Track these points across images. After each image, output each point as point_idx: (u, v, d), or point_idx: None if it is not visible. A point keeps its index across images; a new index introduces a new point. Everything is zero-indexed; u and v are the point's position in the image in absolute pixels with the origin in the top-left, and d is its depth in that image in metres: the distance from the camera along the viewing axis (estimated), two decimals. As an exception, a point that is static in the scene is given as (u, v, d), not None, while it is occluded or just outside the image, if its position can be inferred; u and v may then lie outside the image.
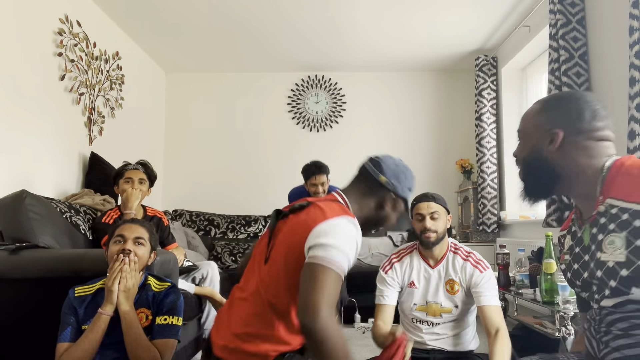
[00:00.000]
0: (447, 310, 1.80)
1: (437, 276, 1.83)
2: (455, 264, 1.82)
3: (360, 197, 1.40)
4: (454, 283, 1.79)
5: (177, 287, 1.75)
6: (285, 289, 1.23)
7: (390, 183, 1.40)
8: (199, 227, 4.38)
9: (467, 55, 4.46)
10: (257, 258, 1.34)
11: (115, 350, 1.55)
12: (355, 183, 1.44)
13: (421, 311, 1.83)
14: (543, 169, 1.09)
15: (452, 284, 1.80)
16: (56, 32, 2.96)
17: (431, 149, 4.82)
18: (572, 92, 1.15)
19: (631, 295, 0.96)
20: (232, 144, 4.86)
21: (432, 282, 1.83)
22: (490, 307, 1.71)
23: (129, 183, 2.48)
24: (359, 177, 1.44)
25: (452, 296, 1.79)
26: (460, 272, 1.80)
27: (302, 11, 3.61)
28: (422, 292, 1.83)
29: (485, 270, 1.78)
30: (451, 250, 1.86)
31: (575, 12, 2.85)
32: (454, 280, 1.80)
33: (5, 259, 1.91)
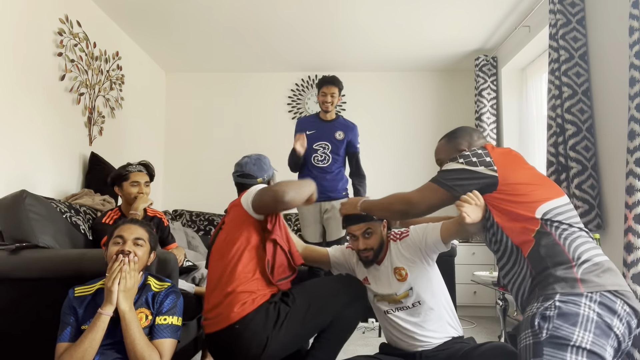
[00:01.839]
0: (404, 295, 1.83)
1: (385, 270, 1.88)
2: (393, 251, 1.88)
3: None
4: (401, 269, 1.84)
5: (177, 287, 1.76)
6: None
7: (262, 178, 2.00)
8: (199, 227, 4.38)
9: (467, 55, 4.46)
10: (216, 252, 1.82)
11: (115, 351, 1.55)
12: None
13: (382, 301, 1.88)
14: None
15: (399, 271, 1.84)
16: (56, 32, 2.96)
17: (431, 149, 4.80)
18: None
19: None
20: (232, 144, 4.85)
21: (383, 277, 1.88)
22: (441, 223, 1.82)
23: (136, 187, 2.49)
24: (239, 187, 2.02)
25: (403, 283, 1.83)
26: (400, 256, 1.86)
27: (302, 11, 3.61)
28: (377, 288, 1.88)
29: (408, 231, 1.89)
30: (391, 240, 1.92)
31: (575, 12, 2.85)
32: (399, 267, 1.85)
33: (5, 259, 1.91)
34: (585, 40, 2.82)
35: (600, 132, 2.70)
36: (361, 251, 1.85)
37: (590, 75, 2.80)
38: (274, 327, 1.60)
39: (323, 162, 3.24)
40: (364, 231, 1.84)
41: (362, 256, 1.86)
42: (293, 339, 1.65)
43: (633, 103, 2.20)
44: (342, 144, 3.28)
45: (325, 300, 1.70)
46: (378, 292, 1.87)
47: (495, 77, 4.33)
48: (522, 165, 1.56)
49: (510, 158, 1.55)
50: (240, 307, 1.63)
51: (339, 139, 3.27)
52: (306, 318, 1.64)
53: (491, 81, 4.30)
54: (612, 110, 2.59)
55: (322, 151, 3.24)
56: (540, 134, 3.82)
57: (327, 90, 3.24)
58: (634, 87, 2.19)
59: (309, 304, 1.67)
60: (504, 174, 1.48)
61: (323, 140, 3.26)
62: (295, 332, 1.64)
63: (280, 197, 1.65)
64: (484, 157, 1.52)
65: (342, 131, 3.28)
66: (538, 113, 3.89)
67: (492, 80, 4.31)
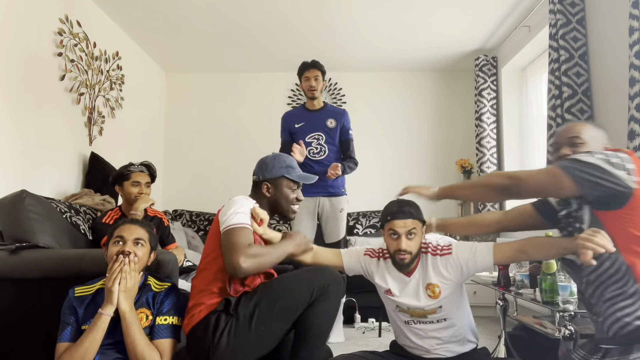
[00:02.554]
0: (432, 311, 1.72)
1: (414, 283, 1.73)
2: (429, 265, 1.72)
3: (253, 195, 1.81)
4: (434, 286, 1.70)
5: (177, 287, 1.76)
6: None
7: (257, 177, 1.81)
8: (199, 227, 4.38)
9: (467, 55, 4.46)
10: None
11: (116, 351, 1.55)
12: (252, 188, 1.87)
13: (404, 313, 1.76)
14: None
15: (433, 288, 1.70)
16: (56, 32, 2.96)
17: (431, 149, 4.82)
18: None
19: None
20: (232, 144, 4.86)
21: (411, 290, 1.73)
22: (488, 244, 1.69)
23: (137, 187, 2.49)
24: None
25: (434, 300, 1.70)
26: (437, 273, 1.70)
27: (301, 11, 3.61)
28: (402, 300, 1.74)
29: (451, 250, 1.71)
30: (422, 253, 1.75)
31: (575, 12, 2.85)
32: (433, 284, 1.70)
33: (5, 259, 1.91)
34: (585, 40, 2.82)
35: (600, 132, 2.70)
36: (399, 252, 1.66)
37: (590, 75, 2.80)
38: (214, 337, 1.52)
39: (319, 154, 3.04)
40: (409, 230, 1.66)
41: (397, 258, 1.67)
42: (243, 346, 1.54)
43: (633, 103, 2.20)
44: (335, 132, 3.07)
45: (278, 301, 1.56)
46: (403, 304, 1.74)
47: (495, 77, 4.33)
48: None
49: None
50: (188, 320, 1.61)
51: (332, 127, 3.06)
52: (253, 323, 1.53)
53: (491, 81, 4.30)
54: (612, 110, 2.59)
55: (316, 143, 3.05)
56: (540, 134, 3.82)
57: (310, 74, 3.04)
58: (634, 87, 2.19)
59: (255, 308, 1.55)
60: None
61: (315, 131, 3.05)
62: (242, 340, 1.53)
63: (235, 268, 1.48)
64: (624, 163, 1.31)
65: (332, 119, 3.07)
66: (538, 113, 3.89)
67: (492, 80, 4.31)
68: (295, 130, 3.10)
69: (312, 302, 1.57)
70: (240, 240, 1.53)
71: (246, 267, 1.49)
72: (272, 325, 1.56)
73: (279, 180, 1.78)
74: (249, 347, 1.54)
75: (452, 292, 1.72)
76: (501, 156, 4.26)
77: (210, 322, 1.54)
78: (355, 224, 4.36)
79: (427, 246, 1.76)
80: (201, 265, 1.70)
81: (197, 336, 1.56)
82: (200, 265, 1.70)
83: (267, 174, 1.78)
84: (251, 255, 1.51)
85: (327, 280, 1.59)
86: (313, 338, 1.59)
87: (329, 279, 1.60)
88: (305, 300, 1.56)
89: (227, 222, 1.59)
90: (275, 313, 1.54)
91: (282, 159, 1.81)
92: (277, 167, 1.79)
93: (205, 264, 1.67)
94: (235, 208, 1.64)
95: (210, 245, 1.67)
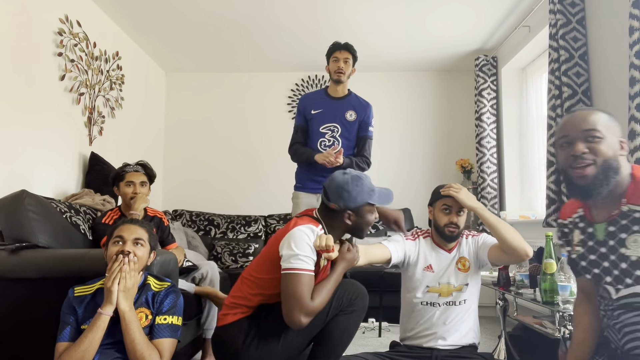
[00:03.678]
0: (458, 288, 1.87)
1: (451, 259, 1.92)
2: (463, 245, 1.95)
3: (327, 220, 1.72)
4: (465, 260, 1.90)
5: (176, 286, 1.76)
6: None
7: (338, 205, 1.68)
8: (199, 227, 4.38)
9: (467, 55, 4.46)
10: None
11: (115, 350, 1.55)
12: (321, 208, 1.76)
13: (433, 292, 1.88)
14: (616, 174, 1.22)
15: (464, 261, 1.90)
16: (56, 32, 2.96)
17: (431, 149, 4.82)
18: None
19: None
20: (232, 144, 4.86)
21: (446, 265, 1.91)
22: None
23: (131, 186, 2.48)
24: (321, 204, 1.77)
25: (463, 274, 1.88)
26: (468, 249, 1.93)
27: (301, 11, 3.61)
28: (436, 275, 1.89)
29: (481, 234, 1.98)
30: (463, 237, 1.97)
31: (575, 12, 2.85)
32: (465, 257, 1.91)
33: (5, 259, 1.91)
34: (585, 40, 2.82)
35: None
36: (450, 224, 1.87)
37: (590, 75, 2.80)
38: (244, 342, 1.60)
39: (331, 147, 2.65)
40: (460, 208, 1.88)
41: (447, 230, 1.87)
42: (270, 354, 1.61)
43: (633, 103, 2.20)
44: (353, 126, 2.70)
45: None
46: (434, 282, 1.88)
47: (495, 77, 4.33)
48: None
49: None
50: (222, 317, 1.69)
51: (350, 120, 2.69)
52: (282, 333, 1.60)
53: (491, 81, 4.30)
54: (612, 110, 2.57)
55: (330, 135, 2.68)
56: (540, 134, 3.82)
57: (340, 55, 2.67)
58: (634, 87, 2.19)
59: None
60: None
61: (331, 121, 2.69)
62: (270, 348, 1.60)
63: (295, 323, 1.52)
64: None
65: (354, 111, 2.70)
66: (538, 113, 3.89)
67: (492, 80, 4.31)
68: (311, 117, 2.72)
69: (337, 313, 1.64)
70: (303, 294, 1.52)
71: (306, 323, 1.53)
72: (299, 334, 1.62)
73: (362, 207, 1.70)
74: (275, 354, 1.61)
75: (475, 274, 1.91)
76: (501, 156, 4.26)
77: (243, 326, 1.62)
78: (355, 224, 4.36)
79: (464, 234, 1.99)
80: (251, 274, 1.70)
81: (227, 336, 1.64)
82: (253, 273, 1.70)
83: (350, 203, 1.67)
84: (312, 312, 1.53)
85: (355, 294, 1.67)
86: (333, 347, 1.66)
87: (356, 292, 1.68)
88: (331, 311, 1.63)
89: (289, 265, 1.56)
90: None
91: (364, 184, 1.70)
92: (360, 195, 1.68)
93: (257, 277, 1.68)
94: (301, 246, 1.57)
95: (265, 262, 1.68)
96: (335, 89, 2.74)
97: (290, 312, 1.51)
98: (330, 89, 2.76)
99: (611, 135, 1.23)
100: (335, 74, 2.68)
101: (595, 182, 1.21)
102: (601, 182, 1.21)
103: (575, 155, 1.22)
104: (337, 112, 2.70)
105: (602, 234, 1.27)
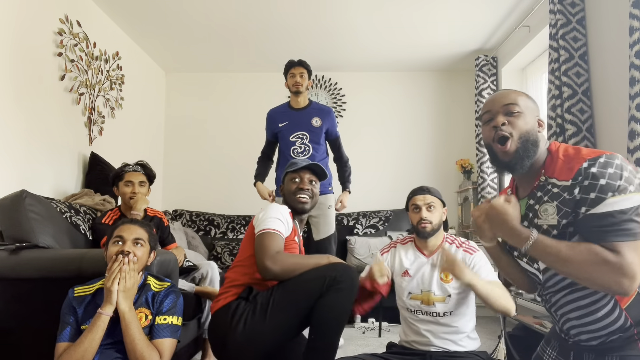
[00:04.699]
0: (440, 299, 1.82)
1: (431, 264, 1.88)
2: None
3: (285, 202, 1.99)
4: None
5: (176, 286, 1.76)
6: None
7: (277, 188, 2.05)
8: (199, 227, 4.38)
9: (467, 55, 4.46)
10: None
11: (115, 350, 1.55)
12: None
13: (415, 300, 1.86)
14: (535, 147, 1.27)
15: (447, 272, 1.81)
16: (56, 32, 2.96)
17: (431, 149, 4.82)
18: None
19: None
20: (232, 144, 4.86)
21: (426, 271, 1.87)
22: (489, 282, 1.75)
23: (130, 186, 2.48)
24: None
25: (445, 285, 1.82)
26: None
27: (301, 11, 3.61)
28: (417, 282, 1.87)
29: (474, 252, 1.86)
30: (447, 241, 1.92)
31: (575, 12, 2.85)
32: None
33: (5, 259, 1.91)
34: (585, 40, 2.82)
35: (600, 132, 2.70)
36: (421, 221, 1.86)
37: (590, 75, 2.80)
38: (231, 322, 1.63)
39: (303, 153, 3.02)
40: (429, 203, 1.88)
41: (420, 227, 1.87)
42: (258, 333, 1.62)
43: (633, 103, 2.20)
44: (320, 131, 3.05)
45: (292, 291, 1.65)
46: (416, 288, 1.86)
47: (495, 77, 4.33)
48: None
49: None
50: (214, 304, 1.76)
51: (317, 126, 3.04)
52: (268, 312, 1.62)
53: (491, 81, 4.30)
54: (612, 110, 2.59)
55: (300, 142, 3.02)
56: (540, 134, 3.81)
57: (296, 70, 3.07)
58: (634, 87, 2.19)
59: (271, 297, 1.65)
60: None
61: (299, 130, 3.03)
62: (257, 327, 1.62)
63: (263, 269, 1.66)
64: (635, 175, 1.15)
65: (318, 117, 3.06)
66: (538, 113, 3.89)
67: (492, 80, 4.31)
68: (278, 130, 3.10)
69: (324, 292, 1.62)
70: (271, 245, 1.68)
71: (274, 270, 1.64)
72: (286, 314, 1.64)
73: (285, 178, 2.03)
74: (263, 334, 1.63)
75: (461, 290, 1.81)
76: (501, 156, 4.25)
77: (230, 308, 1.67)
78: (355, 224, 4.36)
79: (453, 240, 1.93)
80: (236, 262, 1.86)
81: (218, 320, 1.69)
82: (235, 262, 1.86)
83: (281, 182, 2.07)
84: (278, 260, 1.65)
85: (339, 272, 1.66)
86: (327, 328, 1.64)
87: (341, 271, 1.67)
88: (317, 290, 1.62)
89: (261, 226, 1.75)
90: (288, 302, 1.63)
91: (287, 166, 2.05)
92: (284, 173, 2.04)
93: (240, 261, 1.83)
94: (270, 213, 1.79)
95: (245, 244, 1.84)
96: (296, 100, 3.11)
97: (259, 262, 1.67)
98: (292, 101, 3.14)
99: (529, 113, 1.29)
100: (294, 86, 3.07)
101: (517, 156, 1.25)
102: (521, 156, 1.25)
103: (496, 127, 1.28)
104: (303, 121, 3.05)
105: (523, 208, 1.31)
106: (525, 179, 1.32)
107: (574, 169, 1.17)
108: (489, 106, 1.33)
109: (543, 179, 1.26)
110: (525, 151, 1.25)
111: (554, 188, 1.22)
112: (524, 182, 1.34)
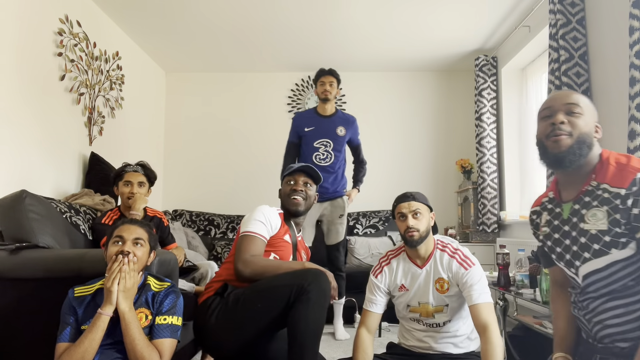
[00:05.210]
0: (439, 309, 1.78)
1: (425, 276, 1.81)
2: (443, 262, 1.79)
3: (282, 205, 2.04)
4: (444, 281, 1.77)
5: (176, 286, 1.75)
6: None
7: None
8: (199, 227, 4.38)
9: (467, 55, 4.46)
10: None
11: (115, 350, 1.55)
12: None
13: (414, 312, 1.82)
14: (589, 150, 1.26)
15: (442, 283, 1.77)
16: (56, 32, 2.96)
17: (431, 149, 4.82)
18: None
19: (610, 254, 1.19)
20: (232, 144, 4.86)
21: (422, 282, 1.81)
22: (476, 306, 1.66)
23: (129, 186, 2.48)
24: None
25: (441, 295, 1.77)
26: (448, 270, 1.77)
27: (301, 11, 3.61)
28: (413, 294, 1.82)
29: (470, 267, 1.74)
30: (438, 248, 1.82)
31: (575, 12, 2.85)
32: (443, 279, 1.77)
33: (5, 259, 1.91)
34: (585, 40, 2.82)
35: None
36: (407, 230, 1.77)
37: (590, 75, 2.80)
38: (206, 315, 1.72)
39: (325, 160, 3.14)
40: (414, 211, 1.78)
41: (407, 236, 1.77)
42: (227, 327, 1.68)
43: (633, 103, 2.20)
44: (343, 140, 3.21)
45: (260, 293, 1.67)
46: (413, 301, 1.81)
47: (495, 77, 4.33)
48: None
49: None
50: (202, 294, 1.84)
51: (341, 135, 3.18)
52: (238, 308, 1.68)
53: (491, 81, 4.30)
54: (612, 110, 2.59)
55: (323, 149, 3.14)
56: (540, 134, 3.81)
57: (326, 79, 3.19)
58: (634, 87, 2.19)
59: (242, 295, 1.70)
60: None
61: (324, 137, 3.15)
62: (227, 321, 1.69)
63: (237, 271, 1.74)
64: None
65: (342, 126, 3.20)
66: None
67: (492, 80, 4.31)
68: (304, 134, 3.19)
69: (293, 302, 1.61)
70: (247, 248, 1.76)
71: (245, 273, 1.71)
72: (253, 313, 1.68)
73: (283, 181, 2.07)
74: (231, 329, 1.69)
75: (456, 295, 1.77)
76: (501, 156, 4.26)
77: (207, 302, 1.76)
78: (355, 224, 4.36)
79: (445, 246, 1.83)
80: (226, 259, 1.94)
81: (198, 314, 1.78)
82: (228, 258, 1.93)
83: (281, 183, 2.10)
84: (249, 264, 1.72)
85: (308, 281, 1.62)
86: (305, 339, 1.60)
87: (310, 280, 1.62)
88: (283, 297, 1.62)
89: (242, 228, 1.84)
90: (256, 302, 1.67)
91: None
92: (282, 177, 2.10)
93: (228, 258, 1.91)
94: (253, 215, 1.85)
95: (234, 243, 1.91)
96: (324, 107, 3.22)
97: (235, 263, 1.75)
98: (320, 108, 3.24)
99: (590, 116, 1.29)
100: (322, 93, 3.18)
101: (570, 151, 1.24)
102: (574, 152, 1.24)
103: (554, 124, 1.26)
104: (328, 128, 3.16)
105: (567, 212, 1.31)
106: (571, 182, 1.31)
107: (628, 178, 1.17)
108: (550, 102, 1.32)
109: (594, 184, 1.25)
110: (580, 149, 1.24)
111: (604, 193, 1.21)
112: (569, 186, 1.32)
